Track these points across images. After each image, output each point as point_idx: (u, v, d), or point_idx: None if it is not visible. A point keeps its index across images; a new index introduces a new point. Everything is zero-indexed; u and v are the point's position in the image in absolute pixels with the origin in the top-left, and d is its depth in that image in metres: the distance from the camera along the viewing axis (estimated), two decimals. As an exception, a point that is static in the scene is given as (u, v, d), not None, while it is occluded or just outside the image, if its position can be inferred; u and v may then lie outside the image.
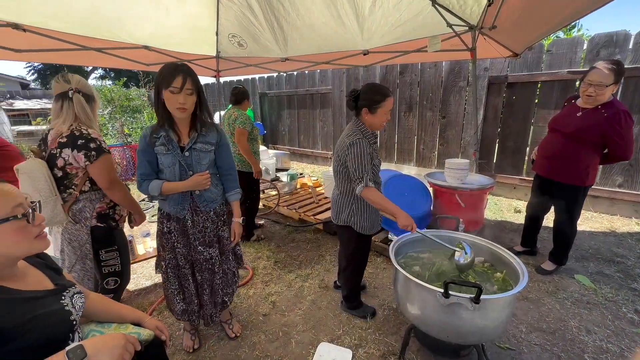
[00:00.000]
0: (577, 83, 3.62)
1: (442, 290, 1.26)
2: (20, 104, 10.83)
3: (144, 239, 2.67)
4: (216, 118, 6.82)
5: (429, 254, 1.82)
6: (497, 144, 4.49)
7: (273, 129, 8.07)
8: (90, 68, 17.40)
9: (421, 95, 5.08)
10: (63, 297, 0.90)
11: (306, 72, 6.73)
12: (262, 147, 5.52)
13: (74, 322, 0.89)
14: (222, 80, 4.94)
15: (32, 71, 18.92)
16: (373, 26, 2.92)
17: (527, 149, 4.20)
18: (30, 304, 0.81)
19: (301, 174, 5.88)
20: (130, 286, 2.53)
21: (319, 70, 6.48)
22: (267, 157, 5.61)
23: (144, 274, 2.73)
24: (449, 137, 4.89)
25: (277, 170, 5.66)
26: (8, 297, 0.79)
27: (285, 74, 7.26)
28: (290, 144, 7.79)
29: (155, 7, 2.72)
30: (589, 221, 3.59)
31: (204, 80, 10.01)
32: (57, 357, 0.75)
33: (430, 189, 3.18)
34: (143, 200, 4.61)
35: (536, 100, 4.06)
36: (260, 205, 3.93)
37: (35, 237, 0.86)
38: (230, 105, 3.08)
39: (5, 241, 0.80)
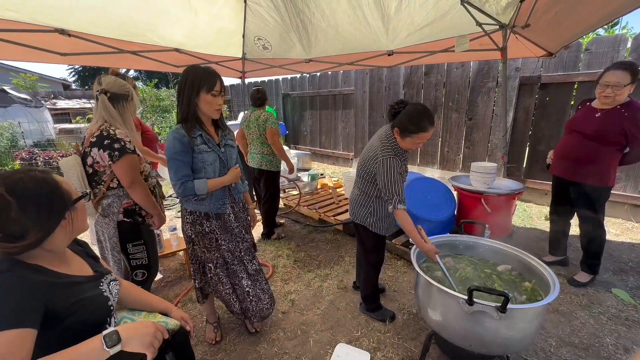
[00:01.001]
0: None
1: (465, 297, 1.23)
2: (62, 104, 11.64)
3: (171, 233, 2.78)
4: (240, 118, 7.00)
5: (452, 259, 1.77)
6: (527, 148, 4.28)
7: (295, 129, 8.15)
8: (124, 70, 18.39)
9: (447, 96, 4.95)
10: (101, 284, 0.97)
11: (329, 73, 6.74)
12: (284, 147, 5.60)
13: (111, 308, 0.95)
14: (246, 81, 5.06)
15: (73, 73, 20.27)
16: (399, 26, 2.88)
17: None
18: (76, 289, 0.88)
19: (322, 174, 5.90)
20: (157, 277, 2.65)
21: (342, 71, 6.48)
22: (289, 157, 5.68)
23: (170, 267, 2.85)
24: (475, 139, 4.73)
25: (298, 170, 5.72)
26: (59, 281, 0.86)
27: (308, 75, 7.31)
28: (311, 144, 7.84)
29: (186, 11, 2.83)
30: (629, 232, 3.34)
31: (229, 81, 10.29)
32: (94, 340, 0.80)
33: (455, 193, 3.09)
34: (170, 195, 4.81)
35: (572, 102, 3.83)
36: (281, 205, 3.99)
37: None
38: (253, 108, 3.11)
39: (82, 218, 0.93)
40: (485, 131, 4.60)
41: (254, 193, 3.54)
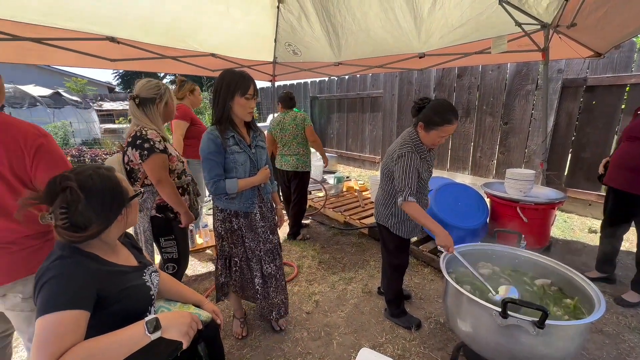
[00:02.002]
0: None
1: (499, 309, 1.17)
2: (107, 105, 12.60)
3: (202, 230, 2.91)
4: (269, 120, 7.17)
5: (485, 269, 1.70)
6: (569, 155, 4.00)
7: (322, 131, 8.21)
8: (163, 74, 19.50)
9: (481, 99, 4.76)
10: (144, 274, 1.04)
11: (357, 75, 6.73)
12: (311, 149, 5.67)
13: (152, 297, 1.02)
14: (276, 84, 5.18)
15: (117, 77, 21.83)
16: (431, 27, 2.82)
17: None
18: (123, 277, 0.96)
19: (348, 177, 5.88)
20: (188, 271, 2.78)
21: (370, 74, 6.44)
22: (316, 159, 5.72)
23: (200, 262, 2.98)
24: (511, 145, 4.50)
25: (325, 172, 5.74)
26: (110, 269, 0.94)
27: (337, 78, 7.34)
28: (338, 147, 7.85)
29: (224, 19, 2.97)
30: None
31: (259, 84, 10.56)
32: (137, 326, 0.87)
33: (487, 200, 2.96)
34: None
35: (622, 106, 3.54)
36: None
37: None
38: (286, 110, 3.19)
39: (135, 214, 1.03)
40: (522, 136, 4.36)
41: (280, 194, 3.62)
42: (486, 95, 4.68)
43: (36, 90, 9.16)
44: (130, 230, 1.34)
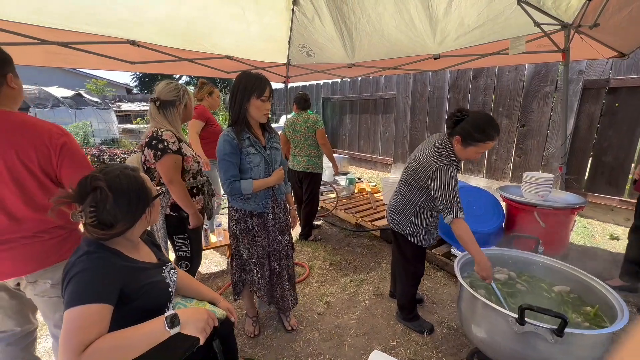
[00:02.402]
0: None
1: (516, 316, 1.15)
2: (125, 106, 12.97)
3: (216, 229, 2.96)
4: (282, 121, 7.24)
5: (500, 274, 1.67)
6: (590, 158, 3.88)
7: (334, 133, 8.21)
8: (178, 76, 19.95)
9: (497, 101, 4.66)
10: (164, 271, 1.07)
11: (370, 77, 6.70)
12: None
13: (171, 293, 1.05)
14: (289, 85, 5.22)
15: (135, 78, 22.43)
16: (447, 28, 2.79)
17: (632, 165, 3.54)
18: (144, 274, 0.99)
19: (359, 178, 5.86)
20: (202, 269, 2.84)
21: (383, 75, 6.41)
22: (327, 160, 5.73)
23: (214, 260, 3.03)
24: (528, 147, 4.39)
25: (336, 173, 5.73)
26: (133, 265, 0.98)
27: (349, 79, 7.34)
28: (349, 148, 7.84)
29: (240, 22, 3.02)
30: None
31: (273, 85, 10.65)
32: (157, 321, 0.90)
33: (503, 204, 2.90)
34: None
35: (648, 108, 3.40)
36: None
37: None
38: (300, 111, 3.22)
39: (156, 213, 1.06)
40: (540, 139, 4.25)
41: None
42: (503, 97, 4.58)
43: (59, 92, 9.53)
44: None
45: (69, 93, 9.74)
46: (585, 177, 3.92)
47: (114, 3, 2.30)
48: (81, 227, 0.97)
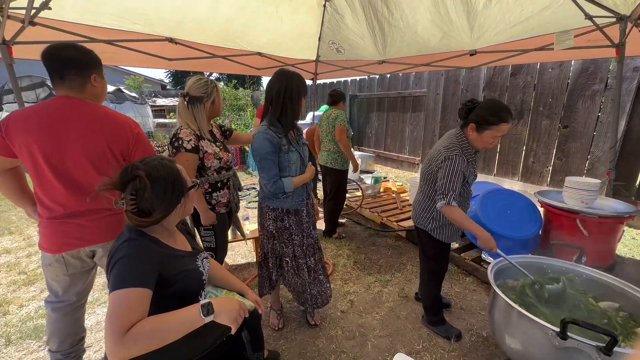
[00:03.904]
0: None
1: (557, 329, 1.08)
2: (159, 101, 13.62)
3: (243, 222, 3.03)
4: (309, 118, 7.26)
5: (537, 286, 1.57)
6: (643, 164, 3.55)
7: (360, 130, 8.13)
8: (208, 73, 20.63)
9: (537, 100, 4.39)
10: (197, 259, 1.11)
11: (400, 74, 6.55)
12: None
13: (204, 282, 1.09)
14: (316, 82, 5.22)
15: (169, 75, 23.45)
16: (486, 23, 2.65)
17: (694, 172, 3.20)
18: (180, 261, 1.04)
19: (385, 177, 5.77)
20: (229, 260, 2.93)
21: (414, 73, 6.23)
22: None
23: (240, 253, 3.12)
24: (570, 150, 4.10)
25: (361, 172, 5.68)
26: (171, 252, 1.02)
27: (378, 76, 7.21)
28: (376, 146, 7.73)
29: (273, 20, 3.07)
30: None
31: (299, 82, 10.74)
32: (193, 308, 0.93)
33: (541, 210, 2.73)
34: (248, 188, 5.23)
35: None
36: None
37: None
38: (327, 106, 3.26)
39: (191, 203, 1.12)
40: (584, 141, 3.95)
41: (317, 190, 3.67)
42: (544, 96, 4.30)
43: (103, 87, 10.18)
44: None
45: (110, 88, 10.36)
46: (637, 184, 3.60)
47: (161, 4, 2.44)
48: None
